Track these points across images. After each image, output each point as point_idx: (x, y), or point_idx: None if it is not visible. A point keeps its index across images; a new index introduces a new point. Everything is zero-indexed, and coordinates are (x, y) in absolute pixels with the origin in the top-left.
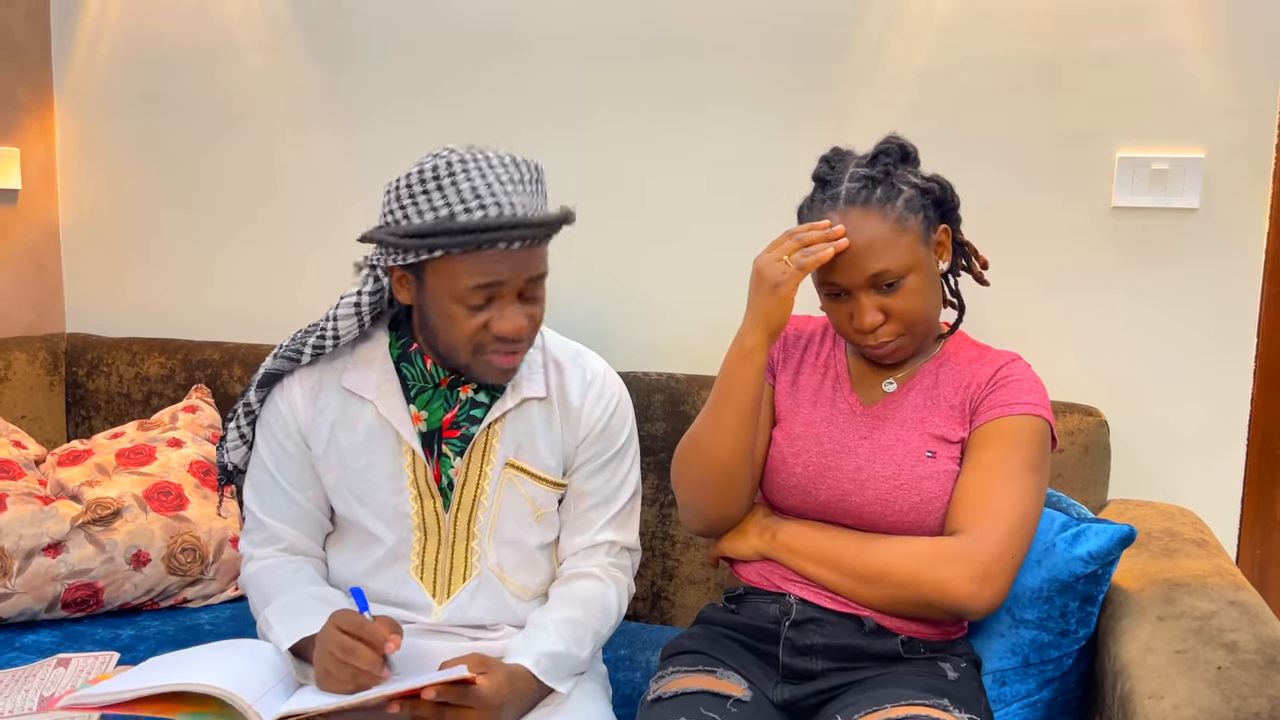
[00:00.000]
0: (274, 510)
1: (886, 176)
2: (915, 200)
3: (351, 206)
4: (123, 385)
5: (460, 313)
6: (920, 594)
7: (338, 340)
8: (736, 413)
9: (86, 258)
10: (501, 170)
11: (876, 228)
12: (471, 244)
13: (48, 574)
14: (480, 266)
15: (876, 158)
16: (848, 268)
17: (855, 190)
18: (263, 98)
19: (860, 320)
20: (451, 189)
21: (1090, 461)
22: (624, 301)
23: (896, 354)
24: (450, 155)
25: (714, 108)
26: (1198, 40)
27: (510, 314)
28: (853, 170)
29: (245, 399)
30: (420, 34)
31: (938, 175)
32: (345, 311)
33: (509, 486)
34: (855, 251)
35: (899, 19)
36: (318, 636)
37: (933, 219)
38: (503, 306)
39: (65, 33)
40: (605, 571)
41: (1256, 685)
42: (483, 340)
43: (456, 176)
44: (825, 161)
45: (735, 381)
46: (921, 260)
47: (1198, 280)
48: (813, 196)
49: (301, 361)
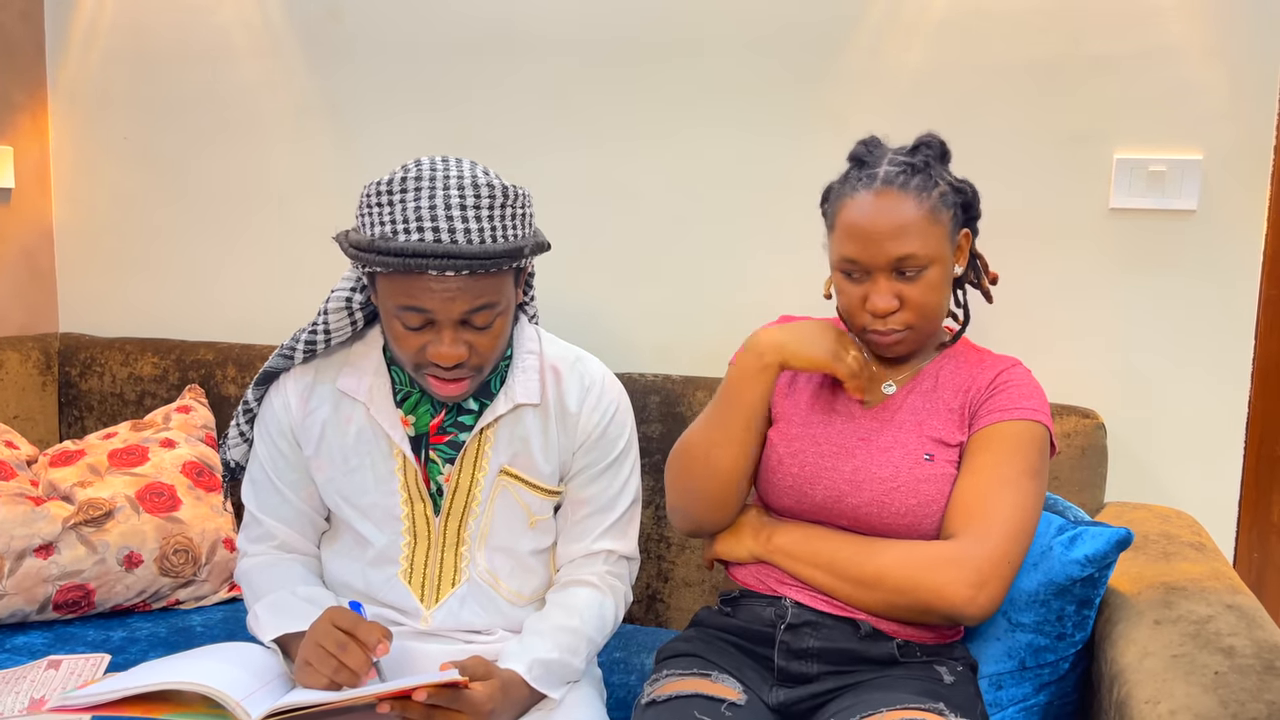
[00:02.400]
0: (269, 508)
1: (926, 167)
2: (949, 196)
3: (345, 208)
4: (116, 385)
5: (399, 330)
6: (917, 598)
7: (329, 337)
8: (744, 423)
9: (80, 257)
10: (456, 194)
11: (911, 211)
12: (397, 268)
13: (39, 575)
14: (408, 291)
15: (918, 148)
16: (874, 246)
17: (894, 173)
18: (258, 99)
19: (875, 303)
20: (399, 206)
21: (1087, 464)
22: (620, 302)
23: (899, 346)
24: (416, 169)
25: (711, 109)
26: (1196, 43)
27: (445, 341)
28: (893, 155)
29: (245, 397)
30: (416, 37)
31: (969, 180)
32: (336, 306)
33: (503, 493)
34: (885, 232)
35: (896, 20)
36: (310, 628)
37: (960, 219)
38: (439, 332)
39: (60, 32)
40: (603, 580)
41: (1254, 690)
42: (420, 362)
43: (407, 195)
44: (864, 144)
45: (748, 393)
46: (946, 255)
47: (1195, 282)
48: (847, 174)
49: (295, 360)
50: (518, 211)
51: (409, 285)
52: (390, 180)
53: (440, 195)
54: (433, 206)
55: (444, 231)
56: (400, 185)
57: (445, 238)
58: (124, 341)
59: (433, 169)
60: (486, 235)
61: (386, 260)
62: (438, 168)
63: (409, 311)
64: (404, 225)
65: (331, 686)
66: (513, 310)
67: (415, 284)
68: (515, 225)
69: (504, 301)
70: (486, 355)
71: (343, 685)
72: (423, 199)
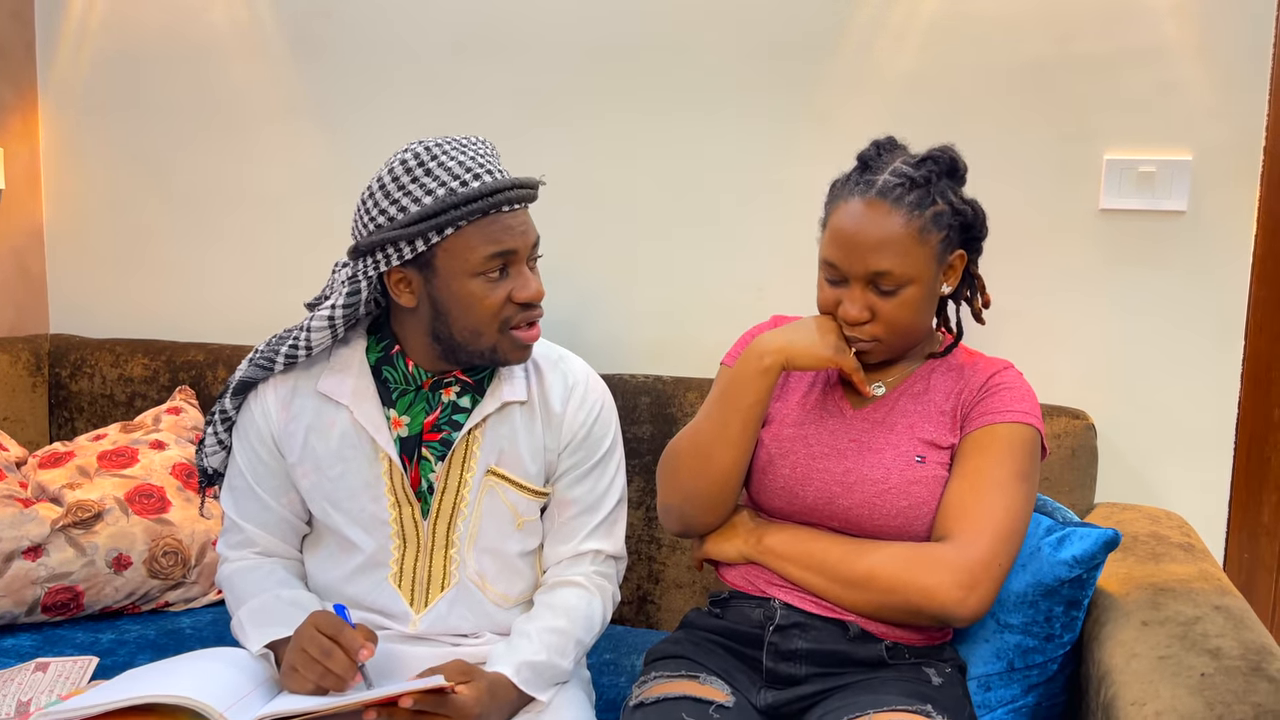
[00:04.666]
0: (248, 515)
1: (926, 183)
2: (944, 217)
3: (336, 209)
4: (106, 387)
5: (480, 288)
6: (906, 600)
7: (310, 351)
8: (742, 425)
9: (70, 258)
10: (476, 146)
11: (896, 228)
12: (485, 208)
13: (27, 577)
14: (493, 235)
15: (924, 161)
16: (854, 256)
17: (891, 185)
18: (248, 100)
19: (846, 310)
20: (442, 169)
21: (1077, 465)
22: (611, 303)
23: (868, 355)
24: (419, 146)
25: (702, 110)
26: (1185, 43)
27: (530, 278)
28: (897, 165)
29: (221, 405)
30: (406, 37)
31: (976, 201)
32: (319, 324)
33: (490, 494)
34: (867, 244)
35: (886, 22)
36: (295, 633)
37: (954, 241)
38: (520, 272)
39: (50, 32)
40: (590, 580)
41: (1240, 692)
42: (508, 314)
43: (441, 157)
44: (876, 146)
45: (747, 395)
46: (927, 276)
47: (1185, 283)
48: (849, 175)
49: (275, 370)
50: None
51: (490, 229)
52: (405, 162)
53: (469, 149)
54: (473, 158)
55: (497, 171)
56: (428, 156)
57: (499, 176)
58: (114, 342)
59: (430, 143)
60: (511, 174)
61: (472, 208)
62: (431, 141)
63: (495, 258)
64: (460, 180)
65: (317, 691)
66: None
67: (495, 226)
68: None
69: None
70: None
71: (329, 690)
72: (460, 155)
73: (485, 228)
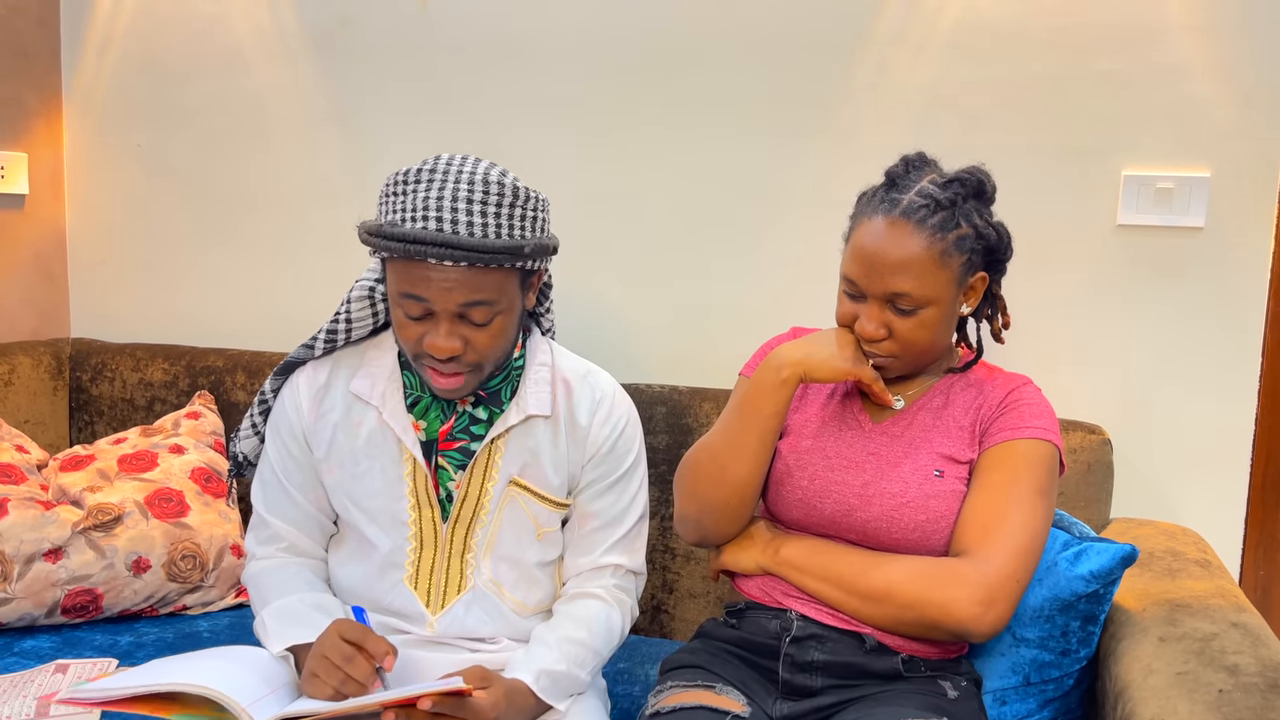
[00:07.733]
0: (277, 510)
1: (952, 205)
2: (968, 240)
3: (357, 216)
4: (126, 391)
5: (400, 318)
6: (924, 615)
7: (350, 328)
8: (759, 436)
9: (92, 263)
10: (464, 188)
11: (919, 250)
12: (399, 253)
13: (48, 579)
14: (409, 278)
15: (951, 183)
16: (874, 275)
17: (916, 205)
18: (270, 107)
19: (863, 326)
20: (410, 196)
21: (1093, 480)
22: (626, 313)
23: (883, 371)
24: (434, 163)
25: (719, 120)
26: (1204, 60)
27: (441, 332)
28: (923, 185)
29: (263, 388)
30: (427, 46)
31: (1001, 225)
32: (359, 294)
33: (511, 504)
34: (887, 264)
35: (906, 36)
36: (318, 639)
37: (976, 263)
38: (436, 323)
39: (75, 39)
40: (610, 594)
41: (1258, 709)
42: (418, 352)
43: (419, 185)
44: (905, 162)
45: (765, 407)
46: (947, 298)
47: (1202, 299)
48: (876, 191)
49: (315, 352)
50: (527, 213)
51: (410, 272)
52: (409, 171)
53: (449, 188)
54: (440, 197)
55: (446, 222)
56: (416, 176)
57: (447, 228)
58: (135, 347)
59: (448, 164)
60: (490, 230)
61: (390, 245)
62: (454, 163)
63: (409, 299)
64: (411, 213)
65: (337, 697)
66: (517, 312)
67: (415, 272)
68: (522, 225)
69: (504, 301)
70: (484, 353)
71: (348, 696)
72: (433, 190)
73: (402, 268)
